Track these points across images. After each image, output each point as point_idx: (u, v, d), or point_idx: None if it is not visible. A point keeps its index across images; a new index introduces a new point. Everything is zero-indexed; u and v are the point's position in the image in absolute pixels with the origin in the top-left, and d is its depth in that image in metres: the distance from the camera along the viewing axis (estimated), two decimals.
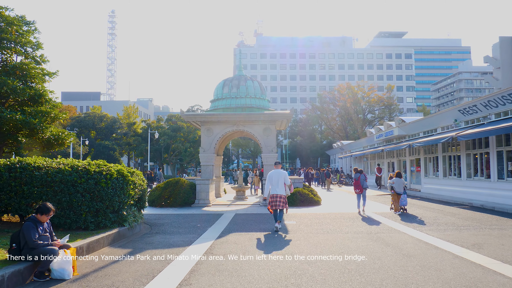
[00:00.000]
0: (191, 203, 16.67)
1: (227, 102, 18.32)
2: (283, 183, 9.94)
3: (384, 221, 11.42)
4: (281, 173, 10.11)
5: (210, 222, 11.55)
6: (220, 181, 20.97)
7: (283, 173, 10.11)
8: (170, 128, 50.99)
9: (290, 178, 11.79)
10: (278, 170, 10.24)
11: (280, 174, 10.05)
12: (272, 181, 10.02)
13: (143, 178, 10.93)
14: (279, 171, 10.20)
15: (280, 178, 9.96)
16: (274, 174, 10.09)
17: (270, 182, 10.06)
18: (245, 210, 14.94)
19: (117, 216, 9.00)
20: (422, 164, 22.97)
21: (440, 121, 20.58)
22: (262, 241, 8.41)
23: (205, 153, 17.66)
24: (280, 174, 10.05)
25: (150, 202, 16.53)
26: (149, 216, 13.09)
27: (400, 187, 13.26)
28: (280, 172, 10.14)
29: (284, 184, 9.95)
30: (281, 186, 9.89)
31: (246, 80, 18.86)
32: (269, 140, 17.54)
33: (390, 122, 28.16)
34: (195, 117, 17.82)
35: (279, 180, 9.94)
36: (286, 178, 10.04)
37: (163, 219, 12.32)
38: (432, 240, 8.41)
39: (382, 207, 15.28)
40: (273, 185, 9.95)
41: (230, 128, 17.74)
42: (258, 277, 5.64)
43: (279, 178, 9.97)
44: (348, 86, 66.71)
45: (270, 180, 10.09)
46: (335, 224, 10.88)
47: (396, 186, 13.29)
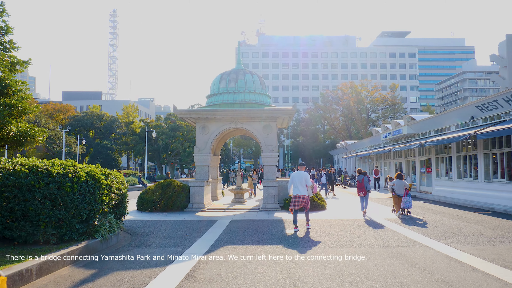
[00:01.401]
0: (184, 207, 15.23)
1: (224, 97, 16.88)
2: (304, 184, 10.15)
3: (400, 230, 9.95)
4: (303, 174, 10.34)
5: (201, 231, 10.11)
6: (217, 182, 19.53)
7: (305, 175, 10.35)
8: (169, 128, 49.53)
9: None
10: (301, 172, 10.47)
11: (302, 176, 10.29)
12: (294, 182, 10.25)
13: (124, 180, 9.50)
14: (301, 172, 10.44)
15: (302, 179, 10.21)
16: (296, 175, 10.36)
17: (292, 183, 10.30)
18: (243, 215, 13.49)
19: (86, 227, 7.57)
20: (433, 164, 21.46)
21: (454, 119, 19.07)
22: (259, 259, 6.96)
23: (200, 153, 16.22)
24: (302, 176, 10.29)
25: (139, 206, 15.13)
26: (134, 223, 11.66)
27: (401, 189, 12.92)
28: (302, 173, 10.37)
29: (305, 185, 10.16)
30: (303, 187, 10.12)
31: (245, 73, 17.41)
32: (269, 139, 16.08)
33: (398, 121, 26.64)
34: (189, 113, 16.35)
35: (301, 181, 10.17)
36: (307, 179, 10.25)
37: (149, 227, 10.89)
38: (466, 257, 6.93)
39: (391, 212, 13.82)
40: (295, 185, 10.19)
41: (227, 126, 16.29)
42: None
43: (301, 179, 10.21)
44: (351, 85, 65.25)
45: (292, 181, 10.32)
46: (345, 234, 9.41)
47: (396, 188, 12.98)
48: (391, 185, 13.46)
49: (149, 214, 14.05)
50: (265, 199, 15.32)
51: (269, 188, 15.33)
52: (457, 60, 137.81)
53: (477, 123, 17.13)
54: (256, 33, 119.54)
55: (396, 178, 13.33)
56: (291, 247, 7.91)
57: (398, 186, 13.00)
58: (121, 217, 9.62)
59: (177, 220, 12.41)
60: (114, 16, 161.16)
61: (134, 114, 77.57)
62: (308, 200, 10.20)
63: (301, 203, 10.04)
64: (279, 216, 12.98)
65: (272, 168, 16.00)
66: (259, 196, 22.61)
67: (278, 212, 14.11)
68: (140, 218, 12.98)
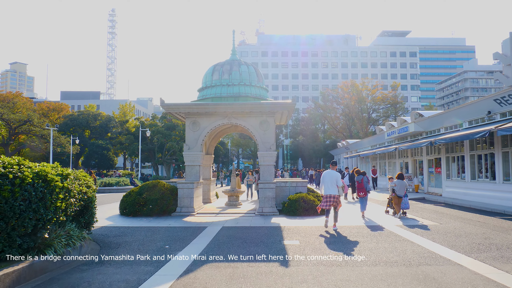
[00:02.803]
0: (172, 211, 13.72)
1: (217, 90, 15.36)
2: (335, 183, 10.10)
3: (418, 240, 8.44)
4: (334, 174, 10.24)
5: (185, 241, 8.60)
6: (210, 184, 17.99)
7: (336, 175, 10.26)
8: (164, 126, 47.95)
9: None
10: (332, 171, 10.33)
11: (333, 175, 10.19)
12: (325, 181, 10.19)
13: (91, 182, 7.98)
14: (332, 172, 10.31)
15: (333, 179, 10.14)
16: (327, 175, 10.26)
17: (323, 182, 10.24)
18: (236, 221, 11.97)
19: (33, 241, 6.06)
20: (443, 164, 19.92)
21: (467, 114, 17.56)
22: (248, 283, 5.44)
23: (191, 151, 14.70)
24: (333, 175, 10.19)
25: (122, 210, 13.64)
26: (110, 230, 10.14)
27: (402, 190, 12.55)
28: (333, 173, 10.26)
29: (336, 185, 10.11)
30: (334, 187, 10.10)
31: (240, 64, 15.91)
32: (266, 136, 14.57)
33: (404, 117, 25.11)
34: (177, 107, 14.78)
35: (331, 180, 10.11)
36: (338, 179, 10.19)
37: (125, 236, 9.38)
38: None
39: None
40: (326, 185, 10.16)
41: (220, 121, 14.77)
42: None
43: (332, 179, 10.14)
44: (352, 84, 63.85)
45: (323, 180, 10.26)
46: (354, 247, 7.90)
47: (398, 188, 12.55)
48: (391, 186, 12.96)
49: (131, 219, 12.54)
50: (261, 203, 13.79)
51: (265, 190, 13.80)
52: (458, 59, 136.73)
53: (494, 118, 15.61)
54: (255, 32, 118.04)
55: (397, 178, 12.79)
56: (289, 266, 6.39)
57: (399, 186, 12.55)
58: (88, 226, 8.10)
59: (160, 227, 10.89)
60: (113, 16, 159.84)
61: (131, 114, 76.07)
62: (339, 199, 10.20)
63: (332, 203, 10.05)
64: (277, 222, 11.47)
65: (270, 167, 14.48)
66: (255, 197, 21.11)
67: (276, 217, 12.59)
68: (119, 224, 11.47)
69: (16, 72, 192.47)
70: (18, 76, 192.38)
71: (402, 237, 8.94)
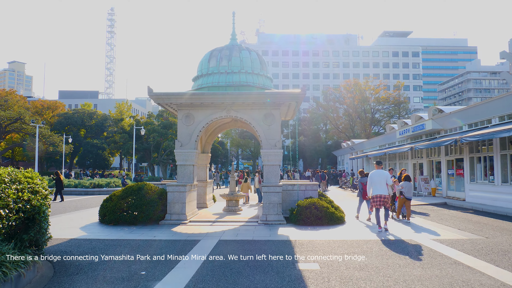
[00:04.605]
0: (160, 219, 11.67)
1: (214, 78, 13.29)
2: (385, 183, 9.98)
3: (474, 263, 6.40)
4: (383, 173, 10.17)
5: (169, 264, 6.55)
6: (206, 186, 15.91)
7: (385, 174, 10.21)
8: (161, 125, 45.75)
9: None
10: (380, 171, 10.24)
11: (382, 175, 10.10)
12: (374, 181, 10.04)
13: (40, 186, 5.92)
14: (381, 171, 10.22)
15: (382, 178, 10.04)
16: (376, 175, 10.13)
17: (372, 182, 10.09)
18: (235, 232, 9.90)
19: None
20: (466, 165, 17.87)
21: (497, 109, 15.52)
22: None
23: (183, 149, 12.60)
24: (382, 175, 10.10)
25: (102, 217, 11.59)
26: (79, 245, 8.09)
27: (410, 192, 12.25)
28: (382, 172, 10.18)
29: (386, 184, 10.00)
30: (384, 187, 9.97)
31: (241, 50, 13.85)
32: (271, 131, 12.48)
33: (421, 114, 23.02)
34: (168, 97, 12.66)
35: (381, 180, 10.00)
36: (388, 178, 10.15)
37: (95, 253, 7.32)
38: None
39: (435, 228, 10.27)
40: (375, 185, 9.98)
41: (218, 114, 12.67)
42: None
43: (381, 178, 10.03)
44: (355, 83, 61.88)
45: (372, 180, 10.10)
46: (393, 274, 5.84)
47: (406, 190, 12.19)
48: (398, 188, 12.41)
49: (110, 229, 10.49)
50: (265, 209, 11.70)
51: (270, 195, 11.72)
52: (460, 60, 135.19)
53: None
54: (255, 32, 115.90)
55: (404, 180, 12.42)
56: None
57: (407, 188, 12.17)
58: (38, 244, 6.04)
59: (143, 240, 8.83)
60: (112, 15, 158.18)
61: (128, 113, 73.85)
62: (389, 199, 10.22)
63: (382, 203, 9.97)
64: (285, 235, 9.41)
65: (274, 168, 12.37)
66: (252, 201, 19.07)
67: (283, 228, 10.53)
68: (94, 235, 9.41)
69: (14, 71, 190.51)
70: (16, 75, 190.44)
71: (452, 259, 6.88)
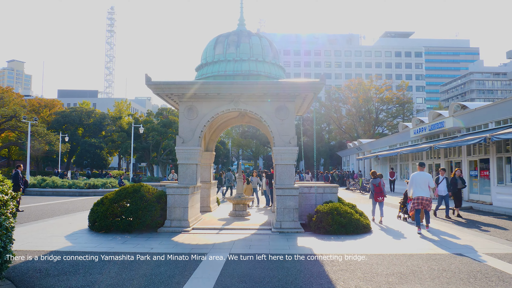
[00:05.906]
0: (159, 226, 10.18)
1: (220, 66, 11.80)
2: (427, 185, 9.86)
3: None
4: (426, 175, 10.00)
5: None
6: (210, 187, 14.41)
7: (427, 176, 10.01)
8: (160, 123, 44.22)
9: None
10: (422, 172, 10.07)
11: (424, 177, 9.94)
12: (416, 183, 9.92)
13: None
14: (423, 173, 10.05)
15: (424, 180, 9.88)
16: (418, 176, 9.99)
17: (413, 184, 9.97)
18: (247, 244, 8.36)
19: None
20: (493, 166, 16.38)
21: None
22: None
23: (185, 145, 11.08)
24: (424, 177, 9.94)
25: (92, 224, 10.08)
26: (58, 261, 6.58)
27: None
28: (425, 174, 10.02)
29: (428, 187, 9.88)
30: (426, 189, 9.86)
31: (250, 35, 12.41)
32: (285, 126, 10.96)
33: (440, 111, 21.48)
34: (169, 87, 11.13)
35: (423, 182, 9.86)
36: (430, 181, 9.95)
37: (74, 274, 5.81)
38: None
39: (478, 239, 8.77)
40: (417, 187, 9.88)
41: (224, 107, 11.15)
42: None
43: (423, 180, 9.88)
44: (359, 82, 60.45)
45: (413, 182, 9.99)
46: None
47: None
48: None
49: (101, 238, 8.98)
50: (279, 215, 10.18)
51: (285, 199, 10.20)
52: (462, 61, 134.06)
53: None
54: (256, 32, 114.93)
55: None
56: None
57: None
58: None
59: (135, 253, 7.29)
60: (112, 14, 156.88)
61: (127, 111, 72.25)
62: (431, 201, 10.01)
63: (423, 205, 9.85)
64: (308, 247, 7.90)
65: (289, 168, 10.84)
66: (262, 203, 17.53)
67: (302, 237, 9.03)
68: (79, 247, 7.90)
69: (13, 70, 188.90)
70: (15, 74, 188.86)
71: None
